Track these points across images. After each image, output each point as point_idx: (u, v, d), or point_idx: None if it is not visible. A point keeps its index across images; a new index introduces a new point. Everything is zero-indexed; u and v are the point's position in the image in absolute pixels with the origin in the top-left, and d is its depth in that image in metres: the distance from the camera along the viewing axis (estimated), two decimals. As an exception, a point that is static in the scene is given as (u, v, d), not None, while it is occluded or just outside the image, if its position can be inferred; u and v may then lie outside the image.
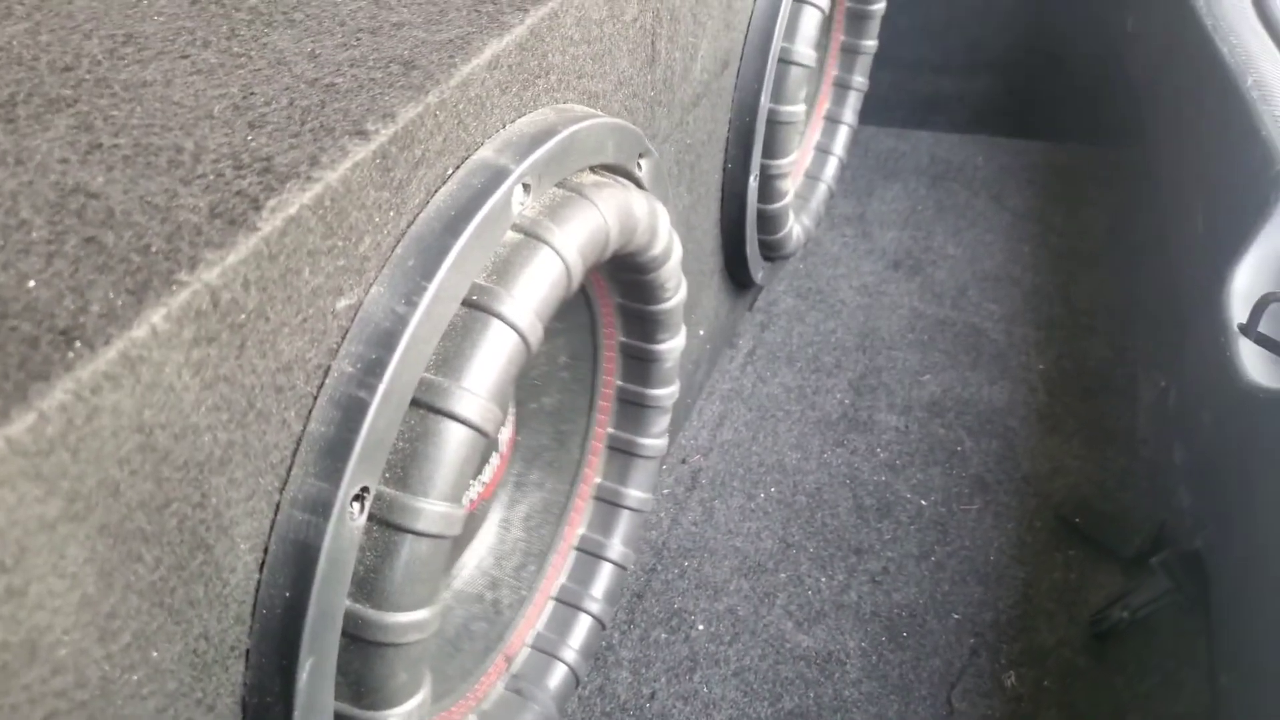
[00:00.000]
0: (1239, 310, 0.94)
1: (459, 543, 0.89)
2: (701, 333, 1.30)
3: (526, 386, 0.95)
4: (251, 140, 0.53)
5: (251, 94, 0.57)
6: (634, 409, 0.99)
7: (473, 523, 0.89)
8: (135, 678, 0.47)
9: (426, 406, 0.59)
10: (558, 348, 0.94)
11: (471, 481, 0.83)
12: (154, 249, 0.46)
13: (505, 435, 0.88)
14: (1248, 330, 0.89)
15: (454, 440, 0.59)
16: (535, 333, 0.64)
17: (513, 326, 0.61)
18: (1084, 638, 1.10)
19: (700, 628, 1.13)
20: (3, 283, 0.44)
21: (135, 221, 0.47)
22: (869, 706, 1.05)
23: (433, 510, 0.58)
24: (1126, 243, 1.63)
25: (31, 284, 0.44)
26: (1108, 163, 1.82)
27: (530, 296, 0.63)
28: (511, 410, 0.92)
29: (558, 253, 0.65)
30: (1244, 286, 0.96)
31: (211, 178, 0.50)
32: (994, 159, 1.87)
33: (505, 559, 0.95)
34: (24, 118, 0.55)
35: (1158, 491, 1.22)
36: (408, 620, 0.58)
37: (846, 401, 1.40)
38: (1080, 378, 1.41)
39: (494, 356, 0.61)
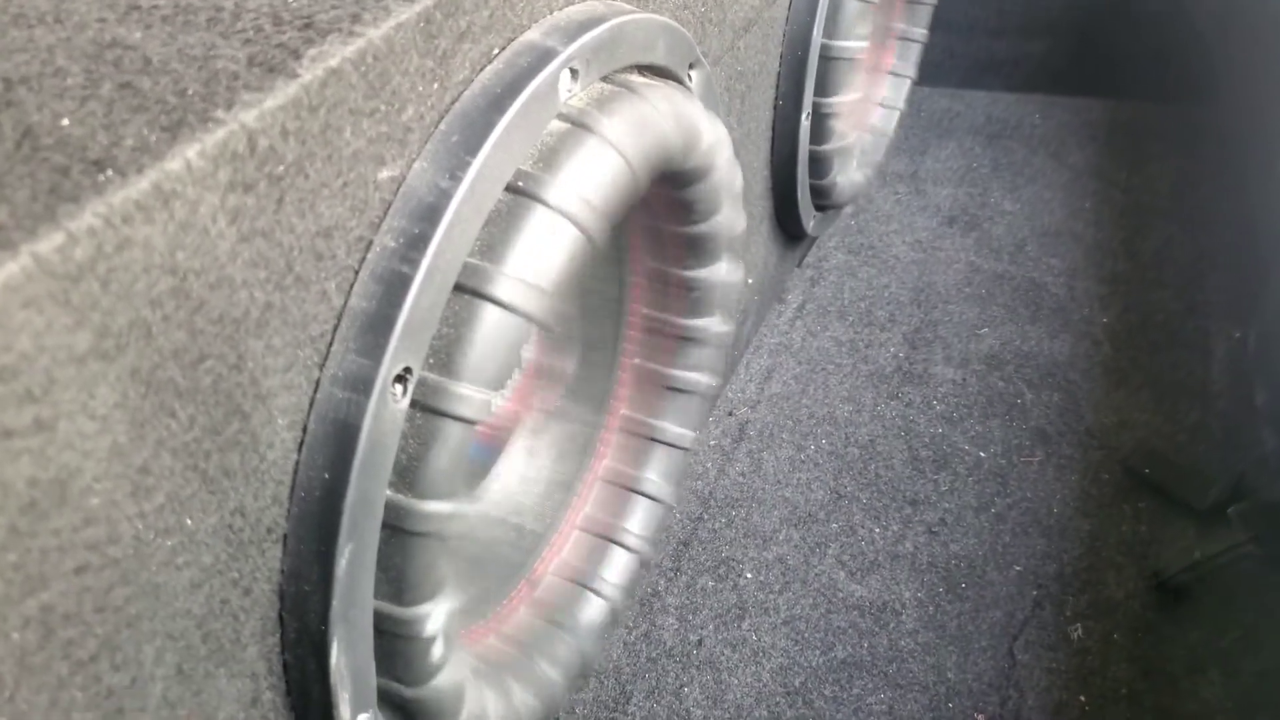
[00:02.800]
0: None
1: (484, 462, 0.87)
2: (750, 281, 1.26)
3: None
4: (292, 1, 0.51)
5: (292, -36, 0.55)
6: (663, 339, 0.95)
7: (496, 440, 0.87)
8: (169, 544, 0.45)
9: (471, 291, 0.56)
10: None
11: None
12: (190, 92, 0.44)
13: (528, 352, 0.86)
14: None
15: (498, 325, 0.56)
16: (588, 220, 0.61)
17: (558, 211, 0.59)
18: (1155, 591, 1.05)
19: (749, 576, 1.10)
20: (37, 121, 0.42)
21: (172, 69, 0.45)
22: (926, 657, 1.01)
23: (478, 396, 0.56)
24: (1194, 196, 1.56)
25: (65, 122, 0.42)
26: (1172, 118, 1.75)
27: (577, 183, 0.60)
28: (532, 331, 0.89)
29: (608, 141, 0.62)
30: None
31: (251, 33, 0.48)
32: (1052, 117, 1.81)
33: (530, 485, 0.92)
34: (62, -15, 0.54)
35: (1233, 444, 1.16)
36: (451, 510, 0.56)
37: (900, 355, 1.36)
38: (1147, 331, 1.36)
39: (539, 242, 0.58)
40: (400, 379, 0.53)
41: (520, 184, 0.59)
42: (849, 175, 1.35)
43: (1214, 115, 1.60)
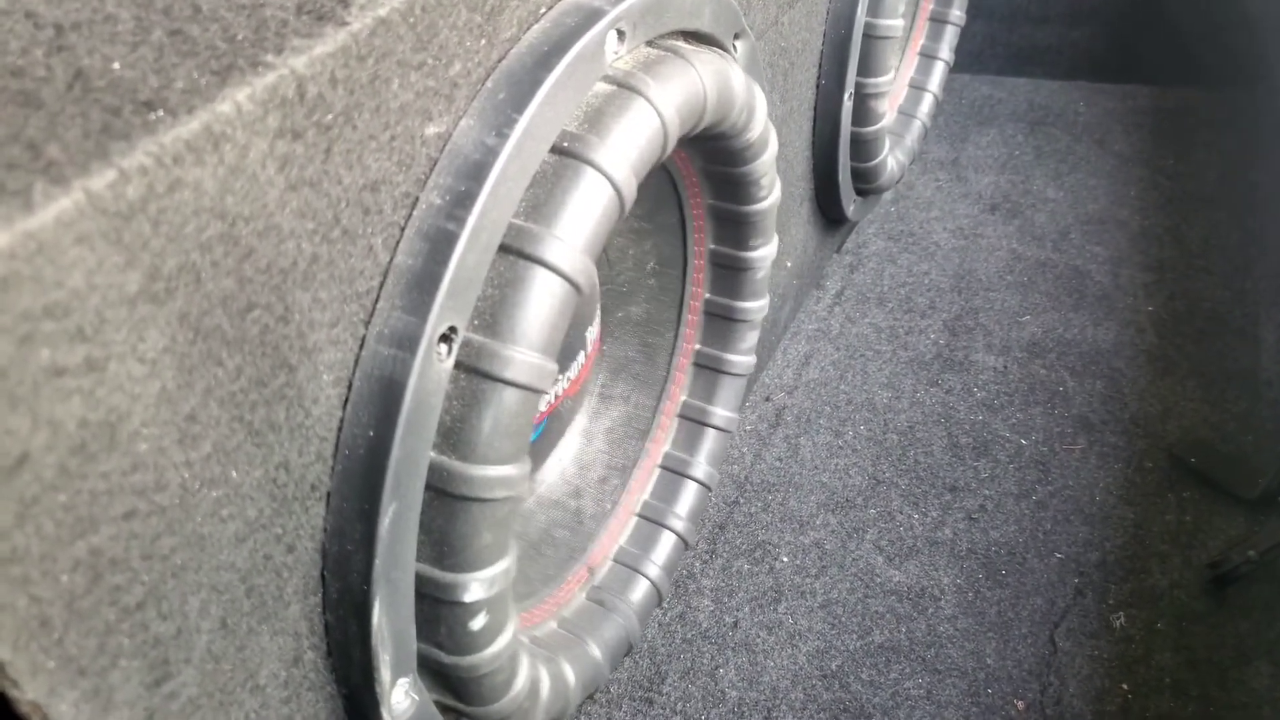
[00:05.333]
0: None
1: (544, 445, 0.86)
2: (789, 265, 1.25)
3: (614, 293, 0.92)
4: (341, -46, 0.51)
5: (341, -80, 0.55)
6: (723, 323, 0.95)
7: (558, 423, 0.87)
8: (215, 494, 0.45)
9: (516, 253, 0.56)
10: (646, 252, 0.91)
11: (558, 376, 0.81)
12: (240, 38, 0.44)
13: (592, 335, 0.85)
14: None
15: (544, 287, 0.56)
16: (629, 186, 0.60)
17: (605, 175, 0.58)
18: (1201, 581, 1.02)
19: (785, 560, 1.09)
20: (88, 64, 0.42)
21: (222, 17, 0.45)
22: (965, 643, 0.99)
23: (523, 359, 0.55)
24: (1244, 183, 1.52)
25: (116, 65, 0.42)
26: (1219, 104, 1.71)
27: (623, 146, 0.59)
28: (597, 314, 0.89)
29: (652, 105, 0.62)
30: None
31: (300, -17, 0.48)
32: (1097, 104, 1.78)
33: (588, 469, 0.92)
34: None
35: (1283, 433, 1.13)
36: (495, 474, 0.55)
37: (941, 342, 1.34)
38: (1194, 319, 1.33)
39: (586, 205, 0.58)
40: (445, 338, 0.53)
41: (567, 145, 0.58)
42: (890, 158, 1.33)
43: (1261, 101, 1.56)
